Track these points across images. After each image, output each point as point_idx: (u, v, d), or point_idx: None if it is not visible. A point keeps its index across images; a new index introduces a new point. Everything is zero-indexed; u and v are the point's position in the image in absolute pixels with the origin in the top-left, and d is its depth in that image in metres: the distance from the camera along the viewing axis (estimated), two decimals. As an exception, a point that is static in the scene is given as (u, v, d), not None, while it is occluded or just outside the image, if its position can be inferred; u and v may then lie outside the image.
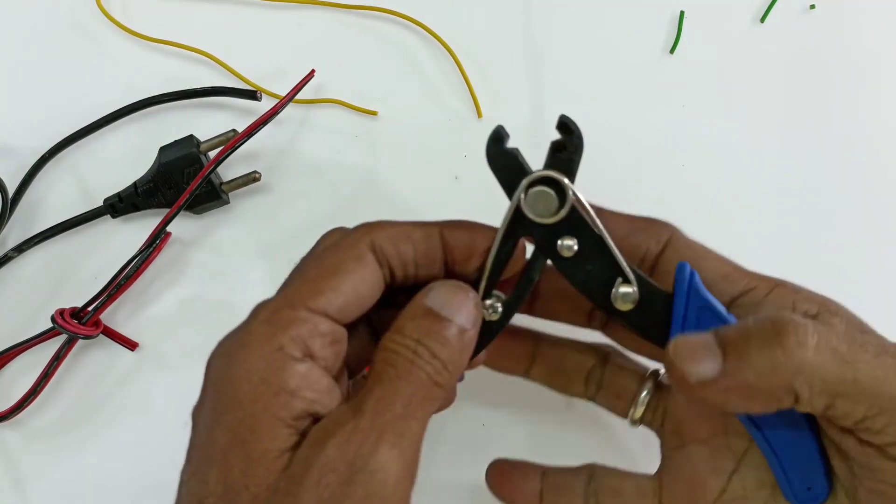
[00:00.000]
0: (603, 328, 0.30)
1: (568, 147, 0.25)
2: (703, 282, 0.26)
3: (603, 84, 0.42)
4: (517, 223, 0.25)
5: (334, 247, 0.26)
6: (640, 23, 0.43)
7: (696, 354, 0.23)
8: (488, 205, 0.40)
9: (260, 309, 0.25)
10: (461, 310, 0.24)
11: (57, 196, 0.42)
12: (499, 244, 0.25)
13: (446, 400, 0.28)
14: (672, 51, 0.42)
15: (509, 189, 0.25)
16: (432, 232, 0.26)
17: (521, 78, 0.42)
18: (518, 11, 0.43)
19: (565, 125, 0.25)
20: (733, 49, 0.42)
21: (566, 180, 0.25)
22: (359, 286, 0.25)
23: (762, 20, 0.43)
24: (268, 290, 0.40)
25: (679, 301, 0.25)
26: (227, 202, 0.41)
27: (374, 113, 0.42)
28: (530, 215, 0.25)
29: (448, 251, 0.26)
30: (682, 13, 0.42)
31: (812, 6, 0.43)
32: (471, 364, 0.26)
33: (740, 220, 0.40)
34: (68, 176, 0.42)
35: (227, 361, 0.24)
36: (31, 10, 0.45)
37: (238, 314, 0.40)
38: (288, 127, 0.42)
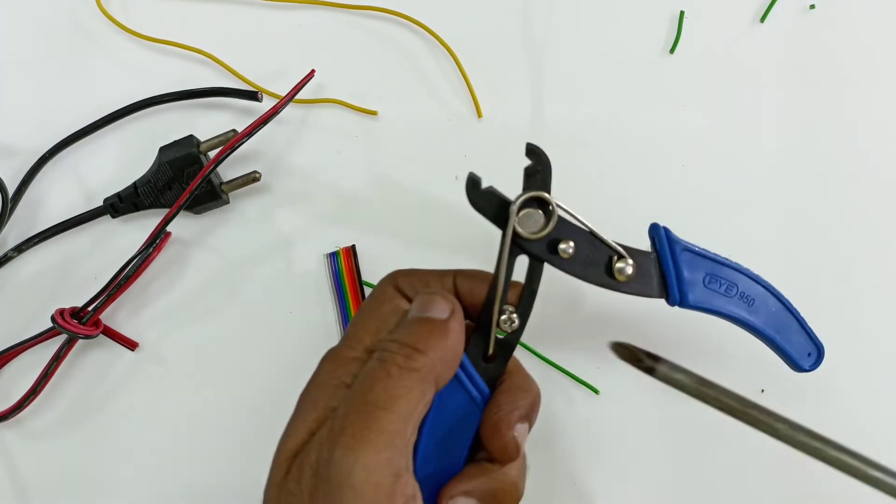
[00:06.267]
0: None
1: (539, 170, 0.28)
2: None
3: (603, 84, 0.42)
4: (515, 246, 0.28)
5: (368, 298, 0.30)
6: (640, 23, 0.43)
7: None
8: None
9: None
10: (433, 305, 0.27)
11: (57, 196, 0.42)
12: (506, 268, 0.28)
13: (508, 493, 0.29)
14: (672, 51, 0.42)
15: (499, 221, 0.28)
16: (446, 279, 0.30)
17: (521, 78, 0.42)
18: (518, 11, 0.43)
19: (533, 151, 0.28)
20: (733, 49, 0.42)
21: (550, 196, 0.28)
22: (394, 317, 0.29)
23: (762, 20, 0.43)
24: (267, 289, 0.40)
25: (664, 252, 0.30)
26: (227, 202, 0.41)
27: (374, 113, 0.42)
28: (527, 235, 0.28)
29: (460, 296, 0.29)
30: (682, 13, 0.43)
31: (812, 6, 0.43)
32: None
33: (740, 220, 0.40)
34: (68, 176, 0.42)
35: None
36: (31, 10, 0.45)
37: (238, 314, 0.40)
38: (288, 127, 0.42)
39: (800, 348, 0.32)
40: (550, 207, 0.28)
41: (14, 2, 0.45)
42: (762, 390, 0.38)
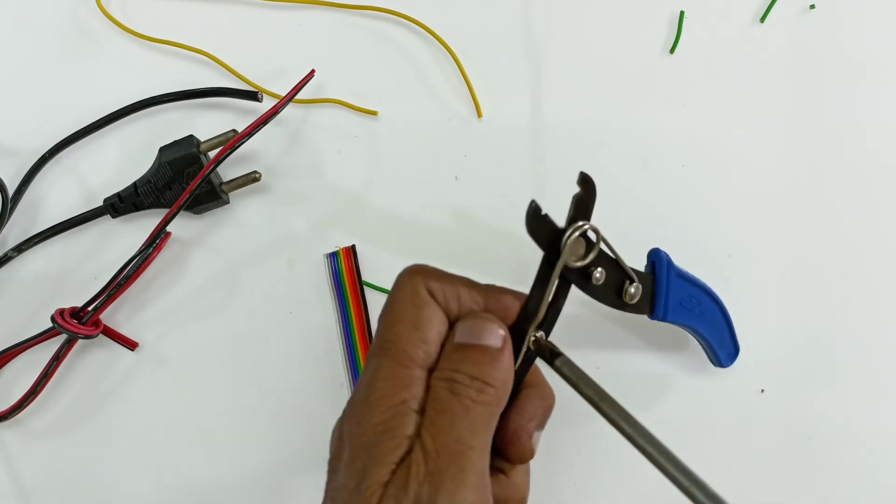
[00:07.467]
0: None
1: (587, 199, 0.28)
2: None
3: (603, 84, 0.42)
4: (553, 269, 0.28)
5: (398, 296, 0.28)
6: (640, 23, 0.43)
7: None
8: (488, 204, 0.41)
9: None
10: (488, 333, 0.27)
11: (57, 196, 0.42)
12: (552, 293, 0.28)
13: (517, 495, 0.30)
14: (672, 51, 0.42)
15: (550, 248, 0.27)
16: (476, 295, 0.29)
17: (521, 78, 0.42)
18: (518, 11, 0.43)
19: (586, 181, 0.28)
20: (733, 49, 0.42)
21: (599, 229, 0.28)
22: (441, 328, 0.28)
23: (762, 20, 0.43)
24: (267, 289, 0.40)
25: (661, 276, 0.33)
26: (227, 202, 0.41)
27: (374, 113, 0.42)
28: (571, 263, 0.28)
29: (490, 312, 0.29)
30: (682, 13, 0.43)
31: (812, 6, 0.43)
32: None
33: (740, 220, 0.40)
34: (68, 176, 0.42)
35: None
36: (31, 10, 0.45)
37: (238, 314, 0.40)
38: (288, 127, 0.42)
39: (726, 350, 0.37)
40: (594, 238, 0.28)
41: (14, 2, 0.45)
42: (762, 390, 0.38)
